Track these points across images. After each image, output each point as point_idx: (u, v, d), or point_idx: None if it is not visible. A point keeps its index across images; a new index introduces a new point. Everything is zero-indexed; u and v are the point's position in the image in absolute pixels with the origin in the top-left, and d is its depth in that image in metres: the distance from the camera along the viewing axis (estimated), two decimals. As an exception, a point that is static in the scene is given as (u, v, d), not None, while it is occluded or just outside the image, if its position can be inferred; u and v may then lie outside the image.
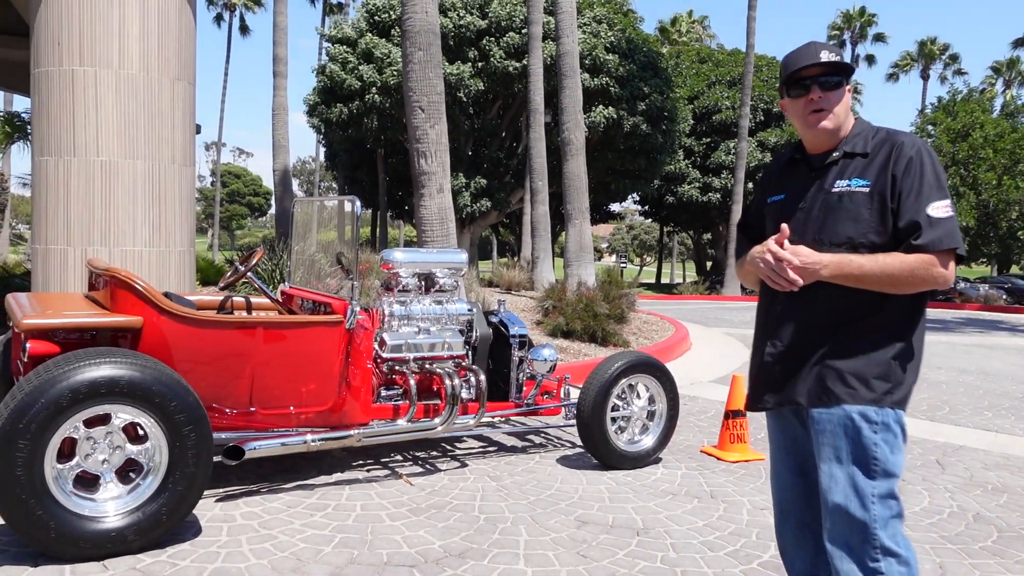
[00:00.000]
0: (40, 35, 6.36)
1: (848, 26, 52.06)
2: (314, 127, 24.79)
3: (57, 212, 6.32)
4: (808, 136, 2.37)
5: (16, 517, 3.24)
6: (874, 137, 2.30)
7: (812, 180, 2.34)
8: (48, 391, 3.28)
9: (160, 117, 6.52)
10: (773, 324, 2.37)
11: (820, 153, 2.36)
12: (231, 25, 49.84)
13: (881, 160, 2.25)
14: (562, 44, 14.89)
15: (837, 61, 2.27)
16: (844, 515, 2.23)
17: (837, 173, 2.30)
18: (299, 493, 4.36)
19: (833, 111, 2.29)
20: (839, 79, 2.29)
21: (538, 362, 5.33)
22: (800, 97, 2.32)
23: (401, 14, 9.22)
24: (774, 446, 2.54)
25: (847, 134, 2.33)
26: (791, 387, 2.32)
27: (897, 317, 2.25)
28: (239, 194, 74.96)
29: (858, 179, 2.25)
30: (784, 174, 2.47)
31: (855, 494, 2.22)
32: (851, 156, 2.30)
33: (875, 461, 2.21)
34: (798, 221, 2.32)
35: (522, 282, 16.22)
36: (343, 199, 5.01)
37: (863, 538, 2.21)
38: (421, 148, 9.04)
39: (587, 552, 3.66)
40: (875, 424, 2.22)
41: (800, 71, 2.29)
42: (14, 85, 14.56)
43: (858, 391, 2.22)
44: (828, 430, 2.26)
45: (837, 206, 2.26)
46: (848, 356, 2.24)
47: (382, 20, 22.58)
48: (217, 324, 4.02)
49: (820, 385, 2.26)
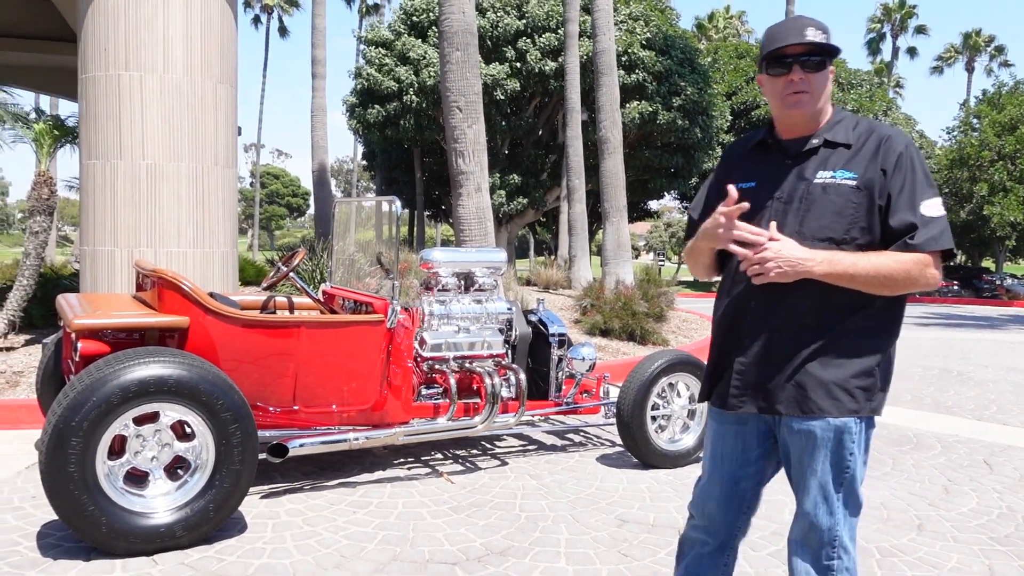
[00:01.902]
0: (87, 41, 6.50)
1: (888, 19, 51.18)
2: (352, 128, 24.98)
3: (104, 214, 6.46)
4: (784, 118, 2.24)
5: (70, 512, 3.33)
6: (856, 127, 2.20)
7: (788, 168, 2.21)
8: (99, 389, 3.36)
9: (203, 120, 6.63)
10: (748, 323, 2.22)
11: (795, 139, 2.23)
12: (268, 28, 50.40)
13: (868, 153, 2.14)
14: (599, 42, 14.84)
15: (823, 42, 2.14)
16: (809, 521, 2.21)
17: (819, 163, 2.17)
18: (342, 490, 4.42)
19: (813, 94, 2.16)
20: (822, 59, 2.16)
21: (577, 361, 5.33)
22: (780, 76, 2.18)
23: (439, 15, 9.26)
24: (716, 448, 2.40)
25: (827, 121, 2.22)
26: (769, 393, 2.20)
27: (880, 320, 2.16)
28: (278, 195, 75.80)
29: (843, 171, 2.13)
30: (753, 159, 2.32)
31: (824, 502, 2.18)
32: (832, 145, 2.18)
33: (847, 471, 2.18)
34: (775, 212, 2.18)
35: (559, 281, 16.21)
36: (383, 199, 5.05)
37: (827, 540, 2.19)
38: (459, 148, 9.08)
39: (628, 551, 3.65)
40: (852, 436, 2.17)
41: (783, 48, 2.16)
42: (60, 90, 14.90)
43: (842, 403, 2.13)
44: (806, 441, 2.18)
45: (820, 198, 2.13)
46: (831, 363, 2.13)
47: (419, 21, 22.68)
48: (261, 324, 4.08)
49: (801, 394, 2.15)
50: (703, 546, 2.46)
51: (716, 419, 2.39)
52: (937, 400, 7.67)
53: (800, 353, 2.15)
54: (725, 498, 2.39)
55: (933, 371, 9.66)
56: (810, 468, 2.18)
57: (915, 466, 5.21)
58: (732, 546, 2.47)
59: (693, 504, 2.49)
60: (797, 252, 2.06)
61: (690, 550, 2.50)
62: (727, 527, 2.42)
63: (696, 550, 2.48)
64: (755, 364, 2.21)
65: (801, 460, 2.21)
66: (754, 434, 2.32)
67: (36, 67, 13.50)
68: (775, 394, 2.18)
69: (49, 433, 3.31)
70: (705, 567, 2.47)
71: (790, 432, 2.21)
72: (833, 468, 2.17)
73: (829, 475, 2.17)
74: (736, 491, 2.38)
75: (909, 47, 52.32)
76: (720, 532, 2.43)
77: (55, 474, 3.30)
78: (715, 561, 2.46)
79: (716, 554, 2.45)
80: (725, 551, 2.46)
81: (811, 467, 2.18)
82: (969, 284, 30.77)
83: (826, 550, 2.20)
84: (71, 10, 9.26)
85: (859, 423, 2.17)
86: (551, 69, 20.84)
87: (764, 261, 2.06)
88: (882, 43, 52.14)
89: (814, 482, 2.18)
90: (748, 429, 2.32)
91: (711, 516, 2.42)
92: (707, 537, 2.44)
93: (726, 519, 2.41)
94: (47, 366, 4.75)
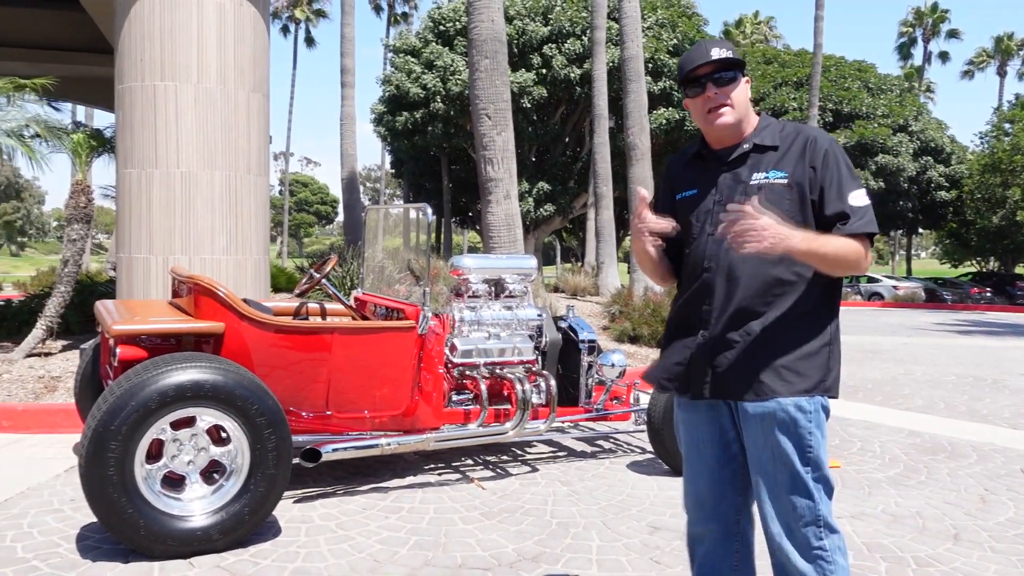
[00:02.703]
0: (124, 52, 6.62)
1: (920, 23, 50.72)
2: (380, 136, 25.17)
3: (140, 222, 6.56)
4: (711, 131, 2.39)
5: (109, 515, 3.38)
6: (782, 131, 2.37)
7: (724, 173, 2.37)
8: (138, 394, 3.42)
9: (236, 129, 6.72)
10: (701, 316, 2.35)
11: (727, 147, 2.39)
12: (296, 37, 50.90)
13: (796, 152, 2.30)
14: (627, 49, 14.85)
15: (727, 57, 2.31)
16: (784, 503, 2.28)
17: (752, 166, 2.33)
18: (374, 495, 4.45)
19: (731, 104, 2.33)
20: (733, 73, 2.33)
21: (607, 367, 5.32)
22: (698, 96, 2.35)
23: (468, 23, 9.32)
24: (694, 438, 2.48)
25: (754, 128, 2.38)
26: (724, 380, 2.32)
27: (821, 306, 2.31)
28: (307, 203, 76.42)
29: (775, 171, 2.30)
30: (692, 169, 2.47)
31: (793, 482, 2.26)
32: (761, 149, 2.34)
33: (809, 449, 2.27)
34: (717, 214, 2.32)
35: (587, 287, 16.19)
36: (414, 207, 5.09)
37: (810, 520, 2.26)
38: (488, 155, 9.12)
39: (660, 558, 3.64)
40: (809, 415, 2.26)
41: (694, 70, 2.33)
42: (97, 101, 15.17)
43: (791, 383, 2.26)
44: (763, 421, 2.27)
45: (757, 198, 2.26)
46: (778, 347, 2.27)
47: (446, 29, 22.82)
48: (295, 330, 4.13)
49: (753, 378, 2.28)
50: (708, 538, 2.51)
51: (686, 409, 2.49)
52: (971, 408, 7.57)
53: (749, 341, 2.29)
54: (715, 484, 2.46)
55: (967, 379, 9.53)
56: (773, 451, 2.27)
57: (950, 475, 5.15)
58: (737, 531, 2.50)
59: (686, 501, 2.55)
60: (782, 228, 2.13)
61: (699, 547, 2.54)
62: (725, 512, 2.47)
63: (704, 546, 2.52)
64: (709, 354, 2.33)
65: (761, 445, 2.30)
66: (727, 416, 2.41)
67: (74, 79, 13.76)
68: (729, 381, 2.31)
69: (89, 437, 3.37)
70: (717, 558, 2.51)
71: (747, 418, 2.31)
72: (796, 448, 2.26)
73: (794, 454, 2.26)
74: (724, 475, 2.45)
75: (941, 51, 51.88)
76: (720, 519, 2.48)
77: (95, 477, 3.35)
78: (725, 550, 2.50)
79: (723, 542, 2.49)
80: (731, 538, 2.49)
81: (772, 448, 2.27)
82: (1002, 291, 30.31)
83: (812, 529, 2.26)
84: (108, 23, 9.43)
85: (812, 402, 2.27)
86: (576, 76, 20.87)
87: (761, 228, 2.09)
88: (913, 47, 51.69)
89: (779, 464, 2.27)
90: (720, 413, 2.42)
91: (706, 505, 2.48)
92: (708, 528, 2.50)
93: (720, 505, 2.47)
94: (85, 371, 4.84)
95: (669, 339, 2.50)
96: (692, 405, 2.45)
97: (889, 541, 3.89)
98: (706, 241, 2.35)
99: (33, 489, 4.46)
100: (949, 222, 35.34)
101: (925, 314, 22.78)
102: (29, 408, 5.83)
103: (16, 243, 72.66)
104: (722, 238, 2.22)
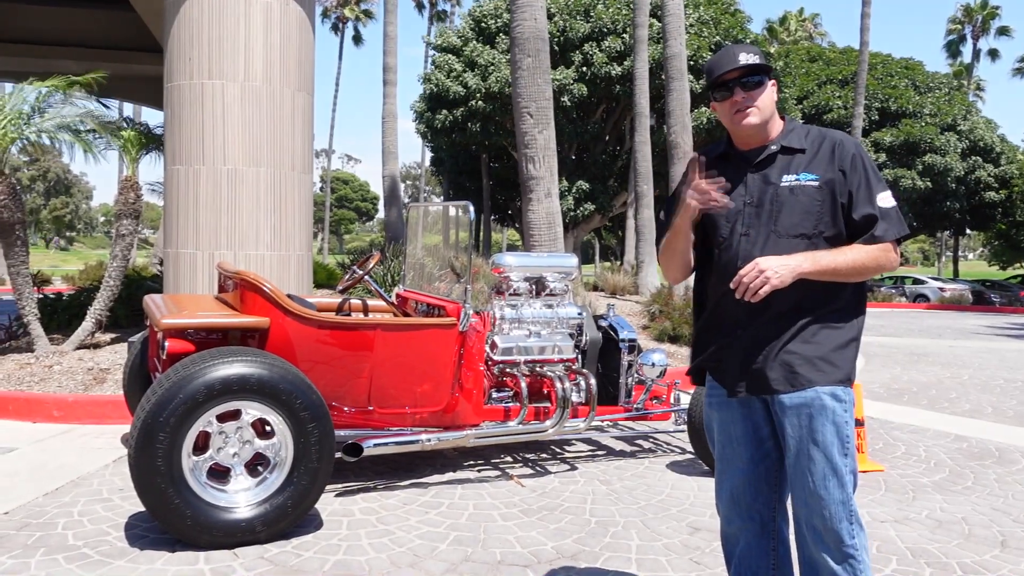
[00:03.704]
0: (173, 51, 6.75)
1: (969, 20, 49.62)
2: (421, 134, 25.29)
3: (187, 218, 6.68)
4: (738, 134, 2.46)
5: (157, 505, 3.46)
6: (808, 135, 2.43)
7: (752, 174, 2.42)
8: (186, 387, 3.49)
9: (281, 126, 6.81)
10: (735, 314, 2.39)
11: (753, 148, 2.44)
12: (343, 37, 51.28)
13: (825, 156, 2.37)
14: (670, 47, 14.75)
15: (755, 63, 2.37)
16: (823, 497, 2.31)
17: (781, 168, 2.39)
18: (414, 491, 4.48)
19: (757, 107, 2.38)
20: (760, 78, 2.39)
21: (648, 367, 5.31)
22: (725, 99, 2.42)
23: (510, 21, 9.33)
24: (728, 436, 2.52)
25: (781, 131, 2.45)
26: (760, 375, 2.36)
27: (850, 303, 2.38)
28: (347, 199, 77.11)
29: (806, 173, 2.36)
30: (718, 169, 2.47)
31: (833, 474, 2.30)
32: (789, 151, 2.40)
33: (847, 439, 2.33)
34: (748, 215, 2.39)
35: (626, 286, 16.13)
36: (456, 205, 5.12)
37: (844, 515, 2.30)
38: (529, 153, 9.13)
39: (700, 559, 3.63)
40: (844, 403, 2.33)
41: (722, 76, 2.39)
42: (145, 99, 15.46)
43: (827, 373, 2.31)
44: (801, 412, 2.32)
45: (788, 199, 2.35)
46: (811, 341, 2.33)
47: (487, 27, 22.85)
48: (338, 325, 4.18)
49: (789, 370, 2.33)
50: (743, 538, 2.53)
51: (719, 407, 2.53)
52: (1020, 413, 7.40)
53: (783, 336, 2.35)
54: (749, 482, 2.49)
55: (1016, 383, 9.33)
56: (812, 440, 2.31)
57: (998, 480, 5.05)
58: (773, 529, 2.52)
59: (720, 500, 2.57)
60: (786, 260, 2.24)
61: (734, 547, 2.57)
62: (760, 511, 2.50)
63: (739, 545, 2.55)
64: (744, 351, 2.39)
65: (801, 436, 2.33)
66: (760, 414, 2.46)
67: (122, 76, 14.03)
68: (765, 376, 2.36)
69: (138, 428, 3.45)
70: (755, 559, 2.53)
71: (784, 410, 2.35)
72: (836, 436, 2.30)
73: (834, 444, 2.30)
74: (758, 472, 2.49)
75: (990, 49, 50.62)
76: (755, 517, 2.50)
77: (143, 468, 3.43)
78: (762, 548, 2.52)
79: (759, 540, 2.52)
80: (767, 536, 2.52)
81: (812, 438, 2.31)
82: (1054, 294, 29.55)
83: (844, 526, 2.30)
84: (157, 23, 9.61)
85: (846, 392, 2.34)
86: (617, 73, 20.77)
87: (762, 273, 2.22)
88: (962, 45, 50.59)
89: (818, 454, 2.30)
90: (754, 410, 2.46)
91: (740, 503, 2.51)
92: (744, 526, 2.52)
93: (756, 503, 2.50)
94: (133, 364, 4.94)
95: (702, 341, 2.54)
96: (725, 403, 2.49)
97: (934, 547, 3.83)
98: (738, 241, 2.39)
99: (83, 478, 4.57)
100: (998, 223, 34.59)
101: (972, 317, 22.32)
102: (79, 399, 5.97)
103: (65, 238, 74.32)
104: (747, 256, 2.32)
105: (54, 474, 4.62)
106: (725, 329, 2.44)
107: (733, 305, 2.37)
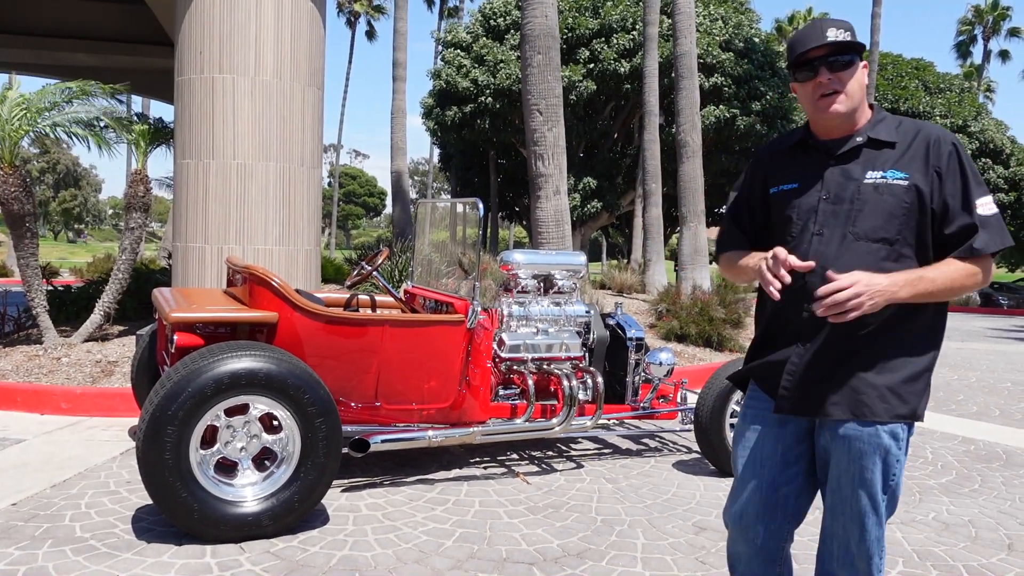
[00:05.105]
0: (183, 45, 6.76)
1: (980, 21, 49.32)
2: (429, 130, 25.28)
3: (196, 212, 6.69)
4: (820, 120, 2.20)
5: (164, 498, 3.47)
6: (899, 126, 2.17)
7: (832, 168, 2.18)
8: (194, 381, 3.49)
9: (291, 121, 6.82)
10: (803, 326, 2.16)
11: (836, 139, 2.19)
12: (354, 32, 51.20)
13: (918, 153, 2.11)
14: (680, 45, 14.71)
15: (846, 40, 2.11)
16: (859, 534, 2.17)
17: (865, 163, 2.14)
18: (420, 487, 4.49)
19: (846, 92, 2.13)
20: (850, 57, 2.12)
21: (655, 366, 5.30)
22: (808, 80, 2.15)
23: (520, 18, 9.33)
24: (754, 453, 2.30)
25: (868, 120, 2.19)
26: (820, 396, 2.15)
27: (929, 325, 2.15)
28: (355, 195, 77.13)
29: (894, 171, 2.10)
30: (792, 160, 2.28)
31: (873, 512, 2.16)
32: (876, 145, 2.15)
33: (893, 477, 2.16)
34: (823, 213, 2.15)
35: (634, 285, 16.10)
36: (465, 201, 5.11)
37: (876, 552, 2.17)
38: (538, 151, 9.12)
39: (706, 559, 3.62)
40: (900, 442, 2.14)
41: (806, 52, 2.13)
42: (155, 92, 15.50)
43: (893, 406, 2.11)
44: (853, 445, 2.13)
45: (871, 198, 2.10)
46: (884, 368, 2.11)
47: (496, 24, 22.82)
48: (347, 321, 4.18)
49: (854, 397, 2.11)
50: (751, 560, 2.35)
51: (752, 420, 2.32)
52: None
53: (853, 358, 2.12)
54: (766, 506, 2.29)
55: (1023, 386, 9.30)
56: (858, 475, 2.14)
57: (1005, 484, 5.03)
58: (782, 557, 2.36)
59: (730, 517, 2.37)
60: (880, 281, 2.00)
61: (740, 565, 2.39)
62: (771, 538, 2.31)
63: (745, 565, 2.37)
64: (808, 366, 2.16)
65: (846, 467, 2.16)
66: (793, 437, 2.27)
67: (132, 69, 14.08)
68: (827, 396, 2.14)
69: (146, 421, 3.46)
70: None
71: (834, 437, 2.16)
72: (882, 475, 2.14)
73: (878, 482, 2.14)
74: (776, 498, 2.29)
75: (1001, 50, 50.31)
76: (766, 545, 2.32)
77: (151, 461, 3.44)
78: (768, 574, 2.36)
79: (767, 566, 2.35)
80: (776, 563, 2.35)
81: (859, 474, 2.14)
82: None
83: (875, 560, 2.18)
84: (168, 16, 9.63)
85: (905, 429, 2.14)
86: (625, 71, 20.74)
87: (856, 296, 1.97)
88: (972, 46, 50.31)
89: (862, 491, 2.15)
90: (787, 432, 2.27)
91: (752, 528, 2.31)
92: (753, 551, 2.33)
93: (768, 529, 2.30)
94: (142, 356, 4.96)
95: (760, 346, 2.33)
96: (763, 418, 2.29)
97: (940, 549, 3.82)
98: (810, 240, 2.15)
99: (91, 470, 4.59)
100: (1008, 225, 34.47)
101: (980, 319, 22.24)
102: (87, 391, 5.99)
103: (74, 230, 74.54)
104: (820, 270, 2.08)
105: (62, 466, 4.64)
106: (786, 338, 2.21)
107: (799, 312, 2.15)
